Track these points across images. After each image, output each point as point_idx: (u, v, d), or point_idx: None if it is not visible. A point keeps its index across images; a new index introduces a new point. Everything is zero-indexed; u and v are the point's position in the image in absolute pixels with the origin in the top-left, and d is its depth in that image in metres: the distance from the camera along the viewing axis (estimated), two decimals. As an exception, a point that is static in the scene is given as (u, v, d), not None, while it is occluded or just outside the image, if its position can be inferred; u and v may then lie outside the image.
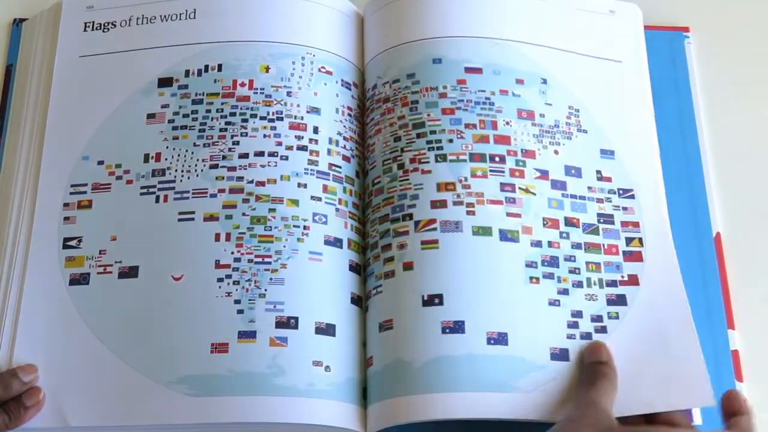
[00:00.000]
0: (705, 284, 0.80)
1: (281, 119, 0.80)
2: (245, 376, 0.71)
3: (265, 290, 0.74)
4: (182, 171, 0.79)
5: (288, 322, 0.73)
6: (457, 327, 0.73)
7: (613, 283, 0.76)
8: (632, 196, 0.80)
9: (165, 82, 0.82)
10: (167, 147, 0.80)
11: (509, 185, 0.78)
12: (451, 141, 0.79)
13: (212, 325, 0.73)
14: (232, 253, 0.75)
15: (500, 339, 0.73)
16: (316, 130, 0.80)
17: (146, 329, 0.74)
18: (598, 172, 0.80)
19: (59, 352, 0.74)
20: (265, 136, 0.79)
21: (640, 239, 0.78)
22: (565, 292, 0.76)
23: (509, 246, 0.76)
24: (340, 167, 0.80)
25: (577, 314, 0.75)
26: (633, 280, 0.77)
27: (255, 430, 0.73)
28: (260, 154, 0.79)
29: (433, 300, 0.74)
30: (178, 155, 0.79)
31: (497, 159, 0.79)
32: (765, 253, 0.83)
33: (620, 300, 0.76)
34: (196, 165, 0.79)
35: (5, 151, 0.83)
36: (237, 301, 0.74)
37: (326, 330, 0.74)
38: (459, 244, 0.75)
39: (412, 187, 0.78)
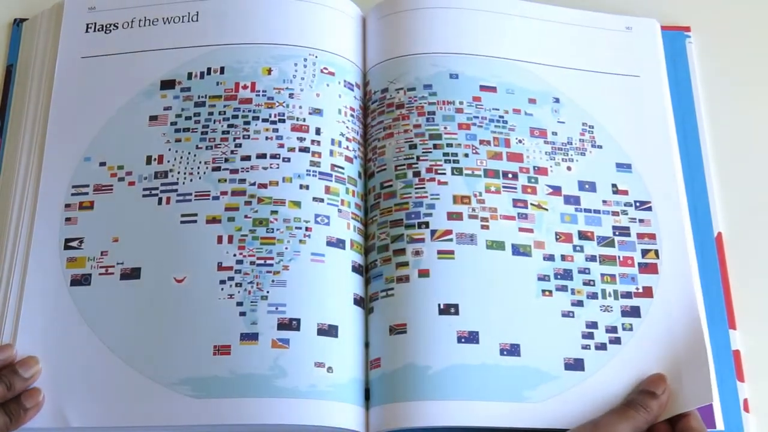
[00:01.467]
0: (706, 284, 0.79)
1: (283, 121, 0.80)
2: (247, 378, 0.71)
3: (267, 292, 0.74)
4: (185, 173, 0.79)
5: (290, 324, 0.73)
6: (472, 337, 0.74)
7: (627, 295, 0.77)
8: (649, 208, 0.80)
9: (167, 85, 0.82)
10: (170, 149, 0.80)
11: (521, 201, 0.79)
12: (466, 155, 0.80)
13: (214, 327, 0.73)
14: (235, 255, 0.75)
15: (513, 350, 0.74)
16: (318, 131, 0.80)
17: (148, 331, 0.74)
18: (614, 185, 0.81)
19: (60, 352, 0.74)
20: (267, 138, 0.79)
21: (656, 251, 0.79)
22: (579, 303, 0.76)
23: (522, 260, 0.77)
24: (342, 168, 0.80)
25: (592, 325, 0.76)
26: (647, 293, 0.77)
27: (257, 431, 0.73)
28: (262, 156, 0.79)
29: (450, 309, 0.74)
30: (181, 157, 0.79)
31: (510, 176, 0.80)
32: (766, 253, 0.83)
33: (634, 312, 0.76)
34: (198, 167, 0.79)
35: (6, 151, 0.83)
36: (239, 303, 0.74)
37: (329, 331, 0.74)
38: (474, 256, 0.76)
39: (429, 196, 0.78)
